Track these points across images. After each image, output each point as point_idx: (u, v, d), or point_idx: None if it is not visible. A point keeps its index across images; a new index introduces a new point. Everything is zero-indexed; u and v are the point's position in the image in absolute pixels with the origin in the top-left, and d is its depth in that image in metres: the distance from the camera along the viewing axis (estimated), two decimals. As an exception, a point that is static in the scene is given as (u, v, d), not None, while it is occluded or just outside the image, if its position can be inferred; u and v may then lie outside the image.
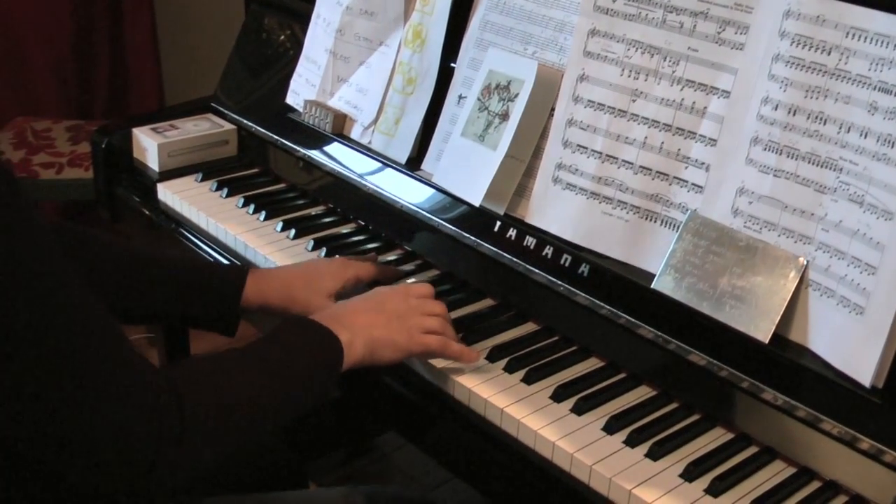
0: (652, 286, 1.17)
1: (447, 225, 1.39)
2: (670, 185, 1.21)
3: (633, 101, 1.24)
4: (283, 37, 1.82)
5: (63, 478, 0.92)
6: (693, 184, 1.19)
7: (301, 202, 1.65)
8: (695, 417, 1.15)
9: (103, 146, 1.75)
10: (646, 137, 1.23)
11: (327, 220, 1.59)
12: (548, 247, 1.28)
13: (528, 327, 1.31)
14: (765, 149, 1.13)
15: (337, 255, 1.44)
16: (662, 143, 1.22)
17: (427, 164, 1.48)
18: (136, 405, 0.88)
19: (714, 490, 1.03)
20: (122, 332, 0.91)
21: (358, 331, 1.12)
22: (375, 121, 1.56)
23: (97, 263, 1.23)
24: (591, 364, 1.24)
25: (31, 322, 0.83)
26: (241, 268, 1.31)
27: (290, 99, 1.72)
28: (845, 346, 1.03)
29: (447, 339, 1.18)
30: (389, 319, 1.16)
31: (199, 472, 0.94)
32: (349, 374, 1.12)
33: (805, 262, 1.09)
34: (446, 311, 1.23)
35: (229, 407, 0.97)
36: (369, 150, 1.56)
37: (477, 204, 1.34)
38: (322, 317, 1.13)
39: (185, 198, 1.64)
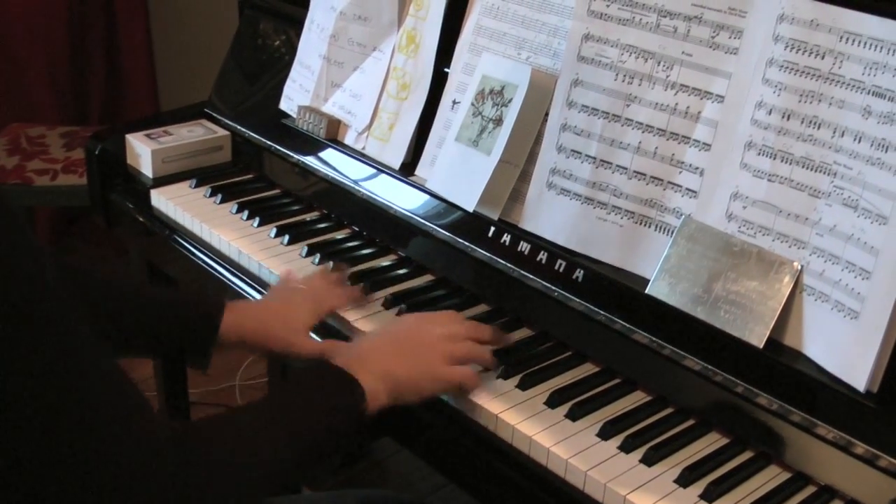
0: (646, 291, 1.17)
1: (441, 230, 1.39)
2: (664, 189, 1.21)
3: (628, 105, 1.24)
4: (277, 42, 1.81)
5: None
6: (687, 189, 1.19)
7: (295, 208, 1.64)
8: (690, 422, 1.14)
9: (97, 152, 1.75)
10: (640, 142, 1.23)
11: (321, 225, 1.58)
12: (542, 252, 1.28)
13: (523, 333, 1.30)
14: (759, 153, 1.13)
15: (325, 265, 1.44)
16: (657, 147, 1.22)
17: (421, 170, 1.47)
18: (149, 471, 0.83)
19: (709, 495, 1.03)
20: (133, 384, 0.86)
21: (381, 375, 1.09)
22: (369, 126, 1.56)
23: (82, 298, 1.19)
24: (586, 369, 1.23)
25: (42, 379, 0.78)
26: (219, 302, 1.27)
27: (284, 104, 1.72)
28: (840, 351, 1.03)
29: (476, 378, 1.16)
30: (415, 359, 1.13)
31: None
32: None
33: (799, 267, 1.08)
34: (472, 330, 1.20)
35: (247, 466, 0.94)
36: (363, 155, 1.56)
37: (471, 209, 1.34)
38: (344, 360, 1.09)
39: (178, 204, 1.64)
